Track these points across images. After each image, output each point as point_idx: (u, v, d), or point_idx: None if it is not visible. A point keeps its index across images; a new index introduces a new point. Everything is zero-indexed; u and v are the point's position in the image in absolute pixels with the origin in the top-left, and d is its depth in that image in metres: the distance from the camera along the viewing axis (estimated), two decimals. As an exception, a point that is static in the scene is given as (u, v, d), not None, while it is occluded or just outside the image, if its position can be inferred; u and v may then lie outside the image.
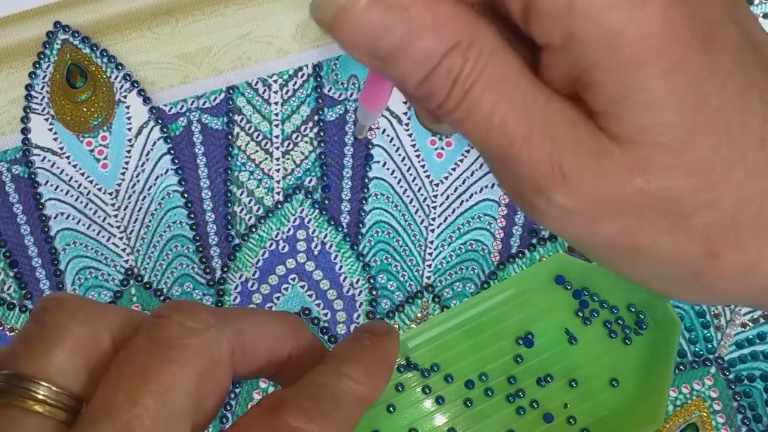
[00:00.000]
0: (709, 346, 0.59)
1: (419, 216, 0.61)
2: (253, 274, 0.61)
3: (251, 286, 0.61)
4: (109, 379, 0.28)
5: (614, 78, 0.27)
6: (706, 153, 0.28)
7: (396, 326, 0.60)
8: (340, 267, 0.61)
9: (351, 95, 0.62)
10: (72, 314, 0.30)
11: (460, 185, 0.61)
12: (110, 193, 0.61)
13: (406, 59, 0.29)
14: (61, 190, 0.61)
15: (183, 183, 0.61)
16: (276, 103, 0.62)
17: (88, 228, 0.61)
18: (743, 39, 0.29)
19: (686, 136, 0.28)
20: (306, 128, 0.62)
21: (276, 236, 0.61)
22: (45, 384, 0.28)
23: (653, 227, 0.29)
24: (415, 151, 0.61)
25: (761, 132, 0.29)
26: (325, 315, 0.60)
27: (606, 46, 0.27)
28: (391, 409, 0.36)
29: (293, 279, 0.61)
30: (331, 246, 0.61)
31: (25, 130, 0.61)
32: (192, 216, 0.61)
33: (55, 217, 0.61)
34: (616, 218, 0.29)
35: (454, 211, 0.61)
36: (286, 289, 0.61)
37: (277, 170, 0.61)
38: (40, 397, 0.28)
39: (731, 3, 0.29)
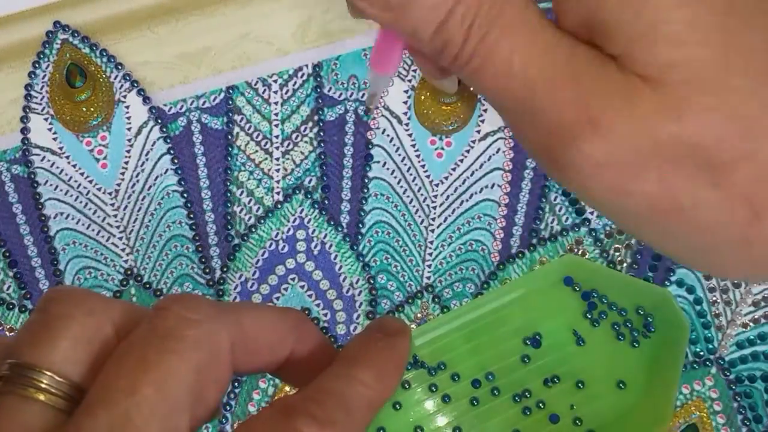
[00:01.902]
0: (710, 346, 0.59)
1: (419, 216, 0.61)
2: (253, 274, 0.61)
3: (251, 287, 0.60)
4: (108, 368, 0.28)
5: (628, 12, 0.26)
6: (743, 96, 0.26)
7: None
8: (340, 267, 0.61)
9: (351, 95, 0.62)
10: (76, 305, 0.30)
11: (460, 185, 0.61)
12: (110, 193, 0.61)
13: (418, 6, 0.27)
14: (61, 190, 0.61)
15: (182, 183, 0.61)
16: (276, 103, 0.62)
17: (87, 228, 0.61)
18: None
19: (720, 74, 0.26)
20: (306, 128, 0.62)
21: (276, 236, 0.61)
22: (48, 373, 0.28)
23: (693, 182, 0.27)
24: (415, 151, 0.61)
25: None
26: (325, 315, 0.60)
27: None
28: (396, 406, 0.36)
29: (293, 279, 0.61)
30: (330, 246, 0.61)
31: (24, 130, 0.61)
32: (191, 216, 0.61)
33: (54, 217, 0.61)
34: (652, 171, 0.27)
35: (454, 211, 0.61)
36: (285, 289, 0.61)
37: (277, 170, 0.61)
38: (43, 385, 0.28)
39: None
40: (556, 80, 0.27)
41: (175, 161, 0.61)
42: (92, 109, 0.61)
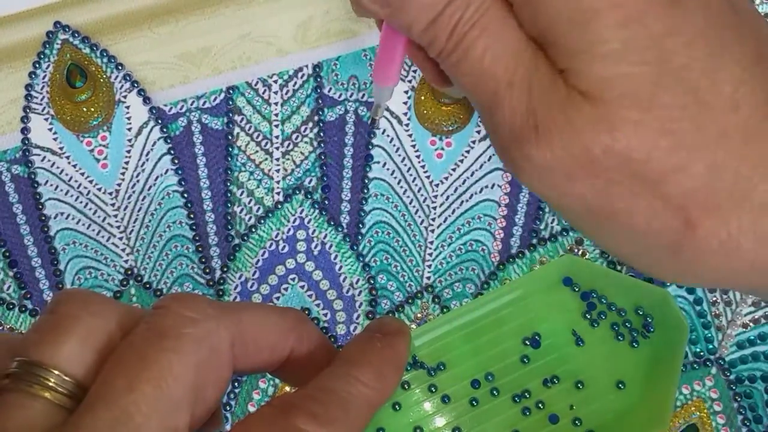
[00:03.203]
0: (710, 346, 0.59)
1: (419, 216, 0.61)
2: (253, 275, 0.60)
3: (251, 287, 0.60)
4: (108, 366, 0.29)
5: (573, 30, 0.28)
6: (672, 111, 0.28)
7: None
8: (340, 267, 0.61)
9: (351, 95, 0.62)
10: (83, 305, 0.30)
11: (460, 185, 0.61)
12: (110, 193, 0.61)
13: (413, 6, 0.30)
14: (61, 190, 0.61)
15: (183, 183, 0.61)
16: (276, 104, 0.62)
17: (87, 228, 0.60)
18: (722, 2, 0.29)
19: (650, 89, 0.27)
20: (306, 128, 0.62)
21: (276, 236, 0.61)
22: (54, 371, 0.29)
23: (626, 191, 0.29)
24: (415, 151, 0.61)
25: (734, 95, 0.28)
26: (325, 315, 0.60)
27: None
28: (396, 407, 0.36)
29: (293, 279, 0.61)
30: (331, 246, 0.61)
31: (24, 130, 0.61)
32: (192, 216, 0.61)
33: (54, 217, 0.60)
34: (588, 178, 0.29)
35: (454, 211, 0.61)
36: (285, 289, 0.60)
37: (277, 170, 0.61)
38: (50, 383, 0.29)
39: None
40: (515, 83, 0.29)
41: (176, 161, 0.61)
42: (92, 110, 0.61)
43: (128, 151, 0.61)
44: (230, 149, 0.61)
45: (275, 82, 0.62)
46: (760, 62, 0.29)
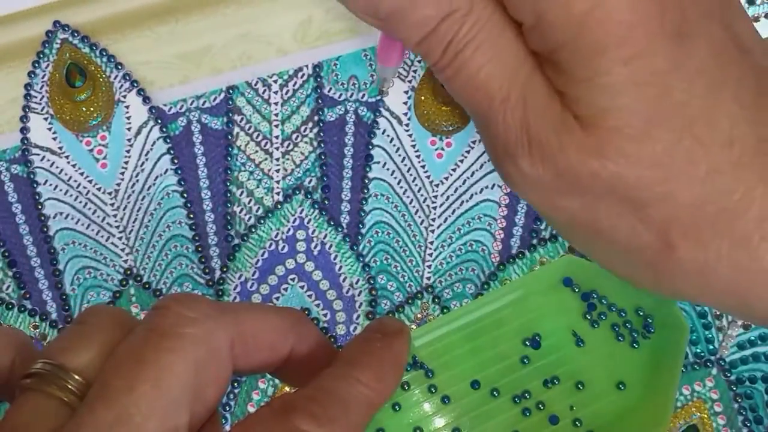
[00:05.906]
0: (711, 347, 0.59)
1: (419, 216, 0.61)
2: (253, 275, 0.60)
3: (250, 287, 0.60)
4: (108, 367, 0.29)
5: (578, 60, 0.28)
6: (664, 145, 0.28)
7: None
8: (340, 267, 0.61)
9: (351, 95, 0.62)
10: (109, 317, 0.31)
11: (460, 186, 0.61)
12: (109, 193, 0.61)
13: (404, 22, 0.29)
14: (60, 190, 0.61)
15: (182, 183, 0.61)
16: (276, 104, 0.62)
17: (87, 228, 0.60)
18: (727, 39, 0.29)
19: (644, 125, 0.28)
20: (306, 128, 0.62)
21: (275, 236, 0.61)
22: (75, 375, 0.29)
23: (611, 211, 0.30)
24: (416, 151, 0.61)
25: (731, 132, 0.29)
26: (325, 315, 0.60)
27: (572, 30, 0.28)
28: (396, 407, 0.36)
29: (293, 279, 0.61)
30: (330, 246, 0.61)
31: (24, 130, 0.61)
32: (191, 216, 0.61)
33: (54, 217, 0.60)
34: (575, 196, 0.30)
35: (454, 211, 0.61)
36: (285, 289, 0.60)
37: (277, 170, 0.61)
38: (68, 386, 0.29)
39: (719, 2, 0.29)
40: (511, 99, 0.30)
41: (175, 161, 0.61)
42: (92, 109, 0.61)
43: (128, 151, 0.61)
44: (230, 149, 0.61)
45: (275, 81, 0.62)
46: (758, 99, 0.29)
